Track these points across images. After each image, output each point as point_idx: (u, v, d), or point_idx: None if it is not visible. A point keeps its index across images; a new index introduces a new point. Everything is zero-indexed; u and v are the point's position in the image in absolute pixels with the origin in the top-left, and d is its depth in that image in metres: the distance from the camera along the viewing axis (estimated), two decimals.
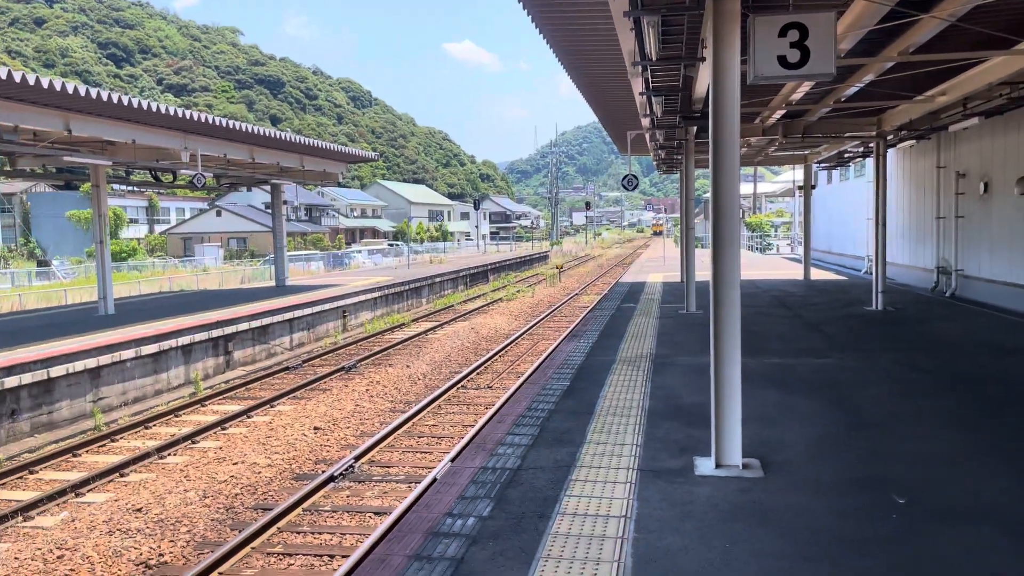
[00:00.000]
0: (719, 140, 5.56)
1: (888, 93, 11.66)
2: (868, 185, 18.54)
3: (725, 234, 5.70)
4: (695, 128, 13.81)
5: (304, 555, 7.01)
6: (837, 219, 27.97)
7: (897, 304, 15.31)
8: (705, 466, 5.76)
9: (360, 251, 55.88)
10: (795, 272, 24.10)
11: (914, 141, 16.61)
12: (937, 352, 10.26)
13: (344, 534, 7.45)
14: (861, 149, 17.78)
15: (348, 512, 8.01)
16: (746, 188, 56.93)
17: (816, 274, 23.30)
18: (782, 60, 5.47)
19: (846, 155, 19.25)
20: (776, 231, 53.24)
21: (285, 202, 35.43)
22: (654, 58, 8.16)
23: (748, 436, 6.27)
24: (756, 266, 28.99)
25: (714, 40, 5.48)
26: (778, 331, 12.44)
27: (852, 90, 11.24)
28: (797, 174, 31.27)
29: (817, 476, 5.50)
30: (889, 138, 14.81)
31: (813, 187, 22.91)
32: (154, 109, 14.54)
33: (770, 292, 18.57)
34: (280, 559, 6.98)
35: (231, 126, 17.29)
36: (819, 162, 21.21)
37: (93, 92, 13.01)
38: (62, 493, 8.79)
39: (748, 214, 54.95)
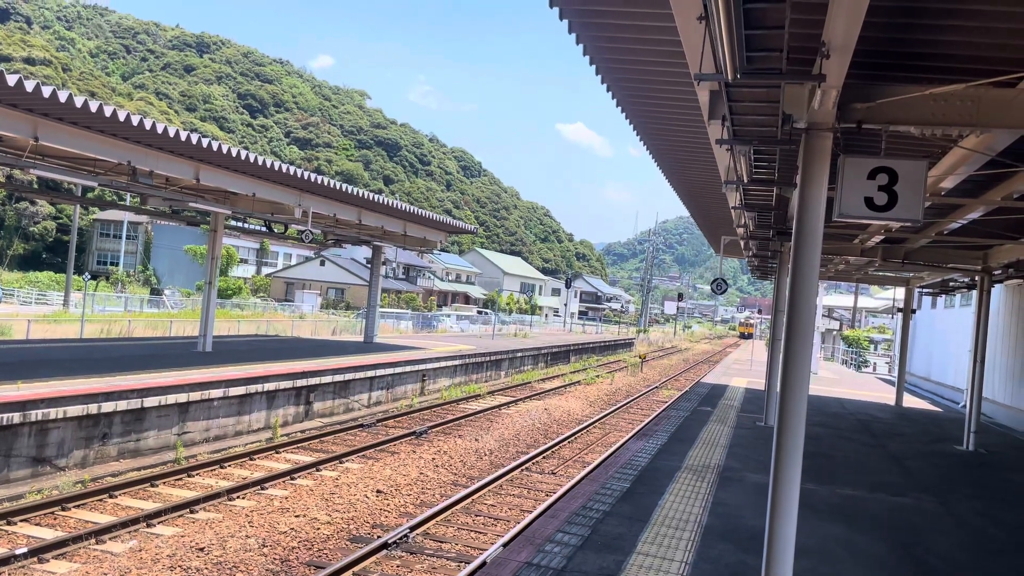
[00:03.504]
0: (798, 270, 5.62)
1: (994, 232, 11.39)
2: (972, 316, 17.87)
3: (795, 359, 5.68)
4: (789, 244, 13.76)
5: None
6: (938, 346, 26.86)
7: (991, 446, 14.52)
8: None
9: (449, 315, 57.00)
10: (887, 396, 23.16)
11: (1022, 280, 15.98)
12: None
13: None
14: (967, 280, 17.21)
15: None
16: (847, 300, 55.34)
17: (909, 401, 22.33)
18: (869, 202, 5.54)
19: (951, 284, 18.65)
20: (876, 347, 51.29)
21: (385, 262, 36.76)
22: (746, 180, 8.36)
23: (803, 570, 6.14)
24: (847, 384, 28.01)
25: (802, 175, 5.61)
26: (857, 460, 12.01)
27: (955, 225, 11.04)
28: (899, 293, 30.30)
29: None
30: (996, 273, 14.31)
31: (914, 311, 22.17)
32: (275, 167, 15.59)
33: (856, 415, 17.92)
34: None
35: (343, 189, 18.30)
36: (922, 287, 20.60)
37: (223, 147, 14.10)
38: (135, 521, 9.29)
39: (846, 327, 53.26)
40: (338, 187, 18.04)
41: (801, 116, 5.45)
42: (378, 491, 11.54)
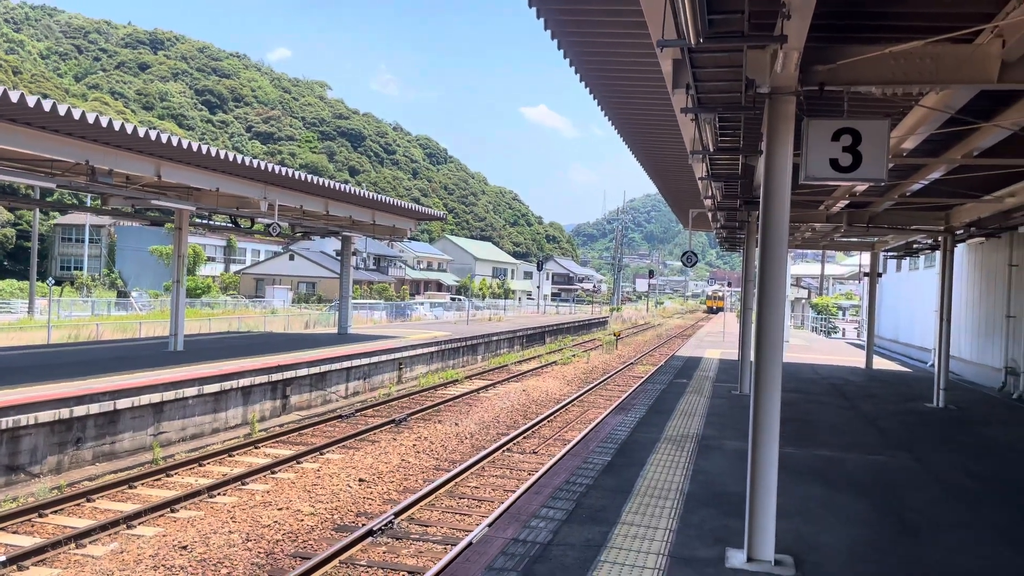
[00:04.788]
0: (767, 234, 5.68)
1: (955, 191, 11.58)
2: (937, 276, 18.19)
3: (769, 326, 5.76)
4: (756, 212, 13.90)
5: None
6: (905, 308, 27.34)
7: (960, 403, 14.84)
8: (737, 559, 5.74)
9: (423, 303, 56.81)
10: (858, 359, 23.53)
11: (984, 238, 16.29)
12: (996, 459, 9.94)
13: None
14: (930, 241, 17.52)
15: (383, 569, 8.13)
16: (814, 269, 56.07)
17: (879, 363, 22.73)
18: (834, 163, 5.60)
19: (915, 246, 18.96)
20: (844, 314, 52.04)
21: (355, 252, 36.47)
22: (712, 149, 8.41)
23: (785, 530, 6.23)
24: (818, 350, 28.42)
25: (767, 139, 5.65)
26: (831, 422, 12.21)
27: (917, 186, 11.21)
28: (864, 258, 30.79)
29: None
30: (958, 233, 14.59)
31: (880, 275, 22.53)
32: (238, 160, 15.37)
33: (829, 379, 18.20)
34: None
35: (309, 179, 18.09)
36: (887, 250, 20.92)
37: (184, 143, 13.86)
38: (115, 524, 9.17)
39: (815, 295, 53.97)
40: (303, 178, 17.84)
41: (764, 81, 5.48)
42: (360, 480, 11.51)
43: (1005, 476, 8.94)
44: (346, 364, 19.09)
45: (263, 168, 16.20)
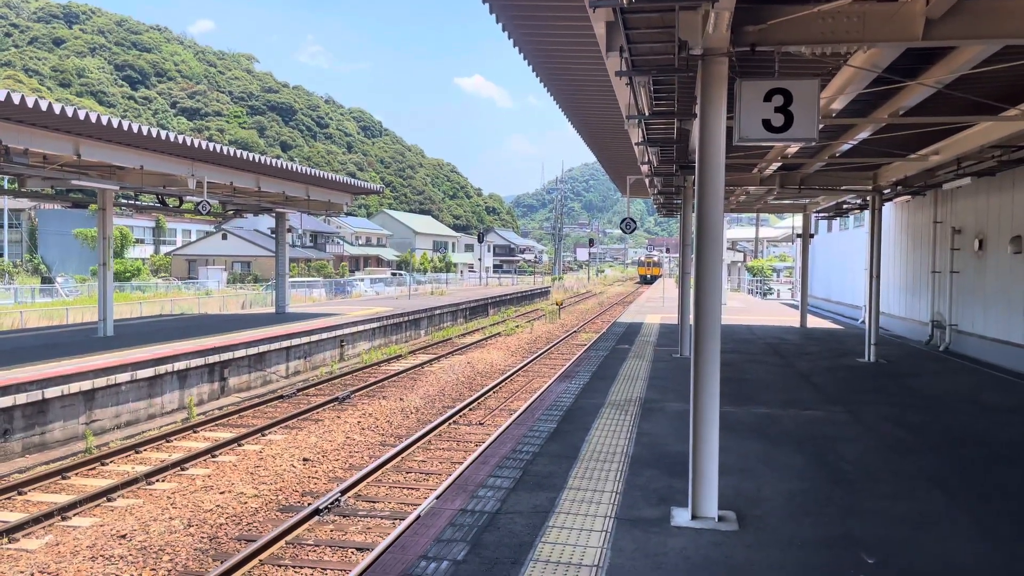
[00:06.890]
0: (703, 197, 5.71)
1: (882, 151, 11.87)
2: (866, 235, 18.73)
3: (707, 289, 5.81)
4: (692, 177, 14.05)
5: None
6: (836, 268, 28.15)
7: (890, 356, 15.38)
8: (681, 517, 5.83)
9: (363, 279, 56.10)
10: (792, 319, 24.19)
11: (910, 196, 16.81)
12: (924, 409, 10.33)
13: (325, 569, 7.48)
14: (859, 201, 18.00)
15: (331, 547, 8.05)
16: (748, 232, 57.26)
17: (813, 322, 23.39)
18: (766, 124, 5.64)
19: (844, 206, 19.47)
20: (778, 275, 53.38)
21: (290, 230, 35.70)
22: (647, 113, 8.41)
23: (727, 487, 6.35)
24: (754, 311, 29.10)
25: (701, 102, 5.66)
26: (768, 380, 12.51)
27: (846, 146, 11.45)
28: (797, 220, 31.54)
29: (791, 532, 5.56)
30: (885, 192, 15.00)
31: (812, 235, 23.10)
32: (163, 137, 14.79)
33: (764, 339, 18.66)
34: None
35: (238, 155, 17.54)
36: (818, 211, 21.43)
37: (104, 119, 13.26)
38: (48, 516, 8.85)
39: (750, 258, 55.15)
40: (233, 153, 17.29)
41: (696, 42, 5.47)
42: (304, 459, 11.35)
43: (935, 426, 9.30)
44: (285, 343, 18.75)
45: (190, 144, 15.65)
